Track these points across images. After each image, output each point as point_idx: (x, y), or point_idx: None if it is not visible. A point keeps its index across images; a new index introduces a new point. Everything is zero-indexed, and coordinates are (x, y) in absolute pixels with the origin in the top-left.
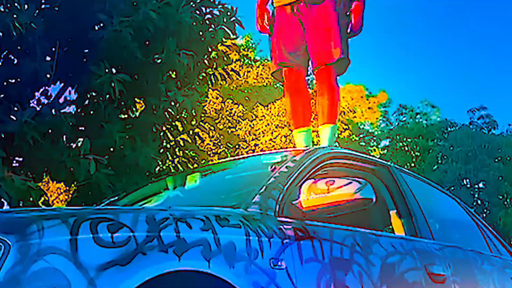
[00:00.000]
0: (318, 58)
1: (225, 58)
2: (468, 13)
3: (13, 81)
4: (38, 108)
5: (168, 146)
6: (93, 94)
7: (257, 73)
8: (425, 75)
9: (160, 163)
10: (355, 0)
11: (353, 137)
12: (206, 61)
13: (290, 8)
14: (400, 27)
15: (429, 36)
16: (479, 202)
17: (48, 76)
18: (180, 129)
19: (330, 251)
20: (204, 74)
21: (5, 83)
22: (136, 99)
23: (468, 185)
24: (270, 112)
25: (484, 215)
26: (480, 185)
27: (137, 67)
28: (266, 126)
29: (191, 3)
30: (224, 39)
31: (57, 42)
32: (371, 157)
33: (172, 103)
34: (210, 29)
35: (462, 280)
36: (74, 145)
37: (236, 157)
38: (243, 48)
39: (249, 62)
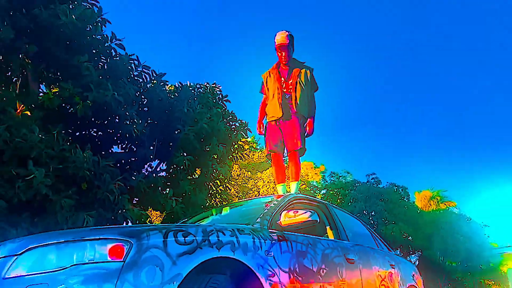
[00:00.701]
0: (289, 147)
1: (241, 148)
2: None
3: (133, 159)
4: (146, 174)
5: (212, 193)
6: (174, 166)
7: (258, 155)
8: (345, 154)
9: (208, 201)
10: (309, 118)
11: (307, 189)
12: (232, 149)
13: (275, 122)
14: (334, 127)
15: (347, 129)
16: (372, 222)
17: (151, 157)
18: (219, 184)
19: (296, 247)
20: (231, 156)
21: (129, 160)
22: (196, 168)
23: (366, 213)
24: (265, 175)
25: (374, 228)
26: (372, 213)
27: (197, 152)
28: (262, 183)
29: (224, 120)
30: (241, 138)
31: (156, 139)
32: (316, 199)
33: (214, 171)
34: (234, 133)
35: (364, 262)
36: (164, 192)
37: (247, 199)
38: (250, 142)
39: (254, 149)
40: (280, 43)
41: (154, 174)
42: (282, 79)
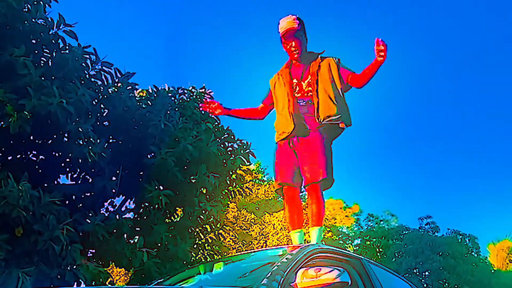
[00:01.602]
0: (308, 178)
1: (241, 179)
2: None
3: (88, 194)
4: (106, 214)
5: (200, 242)
6: (146, 204)
7: (265, 190)
8: (387, 192)
9: (193, 254)
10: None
11: (334, 237)
12: (227, 181)
13: (288, 141)
14: (371, 156)
15: (390, 161)
16: (425, 284)
17: (113, 191)
18: (209, 230)
19: None
20: (226, 191)
21: (82, 196)
22: (177, 208)
23: (417, 273)
24: (276, 218)
25: None
26: (426, 273)
27: (178, 185)
28: (273, 229)
29: (217, 139)
30: (241, 165)
31: (121, 166)
32: (347, 252)
33: (203, 211)
34: (231, 158)
35: None
36: (132, 241)
37: (249, 251)
38: (254, 172)
39: (259, 182)
40: (287, 28)
41: (117, 216)
42: (294, 81)
